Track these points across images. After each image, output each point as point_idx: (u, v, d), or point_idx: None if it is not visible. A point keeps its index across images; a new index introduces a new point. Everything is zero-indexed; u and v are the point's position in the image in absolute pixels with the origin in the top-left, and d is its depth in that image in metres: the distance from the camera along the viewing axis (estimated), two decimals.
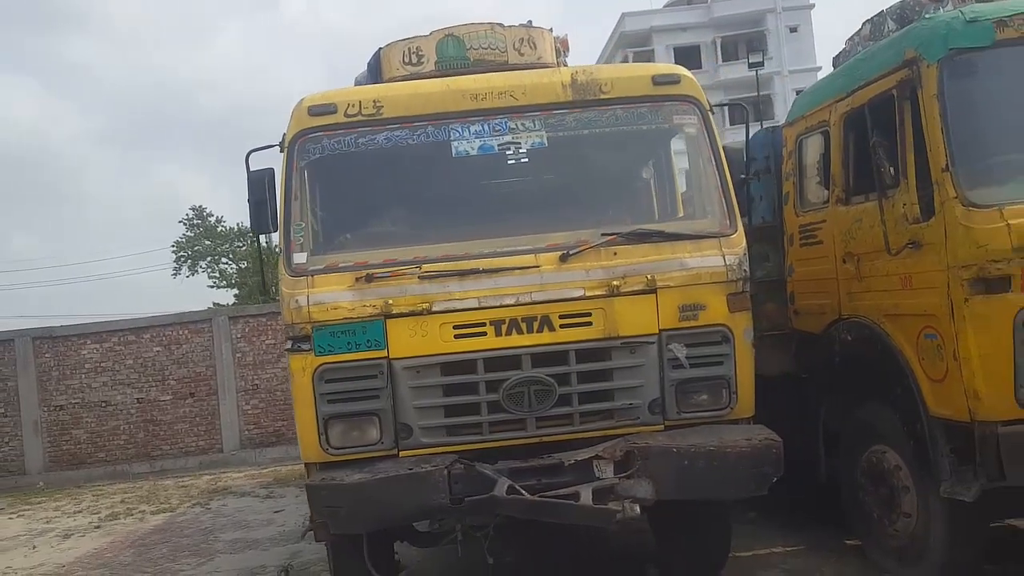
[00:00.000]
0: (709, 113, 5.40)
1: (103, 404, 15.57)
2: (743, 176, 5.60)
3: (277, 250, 5.14)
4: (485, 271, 4.98)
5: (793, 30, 50.55)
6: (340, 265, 5.09)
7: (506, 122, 5.28)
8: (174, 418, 15.69)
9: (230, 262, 40.58)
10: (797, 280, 6.63)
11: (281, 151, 5.27)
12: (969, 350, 4.62)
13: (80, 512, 11.99)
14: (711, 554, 5.82)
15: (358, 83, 6.39)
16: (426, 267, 5.00)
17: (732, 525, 5.85)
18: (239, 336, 15.74)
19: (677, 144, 5.67)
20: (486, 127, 5.26)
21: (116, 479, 14.98)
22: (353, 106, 5.23)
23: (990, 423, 4.60)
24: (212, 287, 40.63)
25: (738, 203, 5.36)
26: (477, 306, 4.97)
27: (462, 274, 4.98)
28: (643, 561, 6.38)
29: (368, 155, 5.28)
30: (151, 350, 15.76)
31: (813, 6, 52.07)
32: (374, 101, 5.26)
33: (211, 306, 27.95)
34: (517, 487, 4.70)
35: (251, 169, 5.37)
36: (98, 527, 10.76)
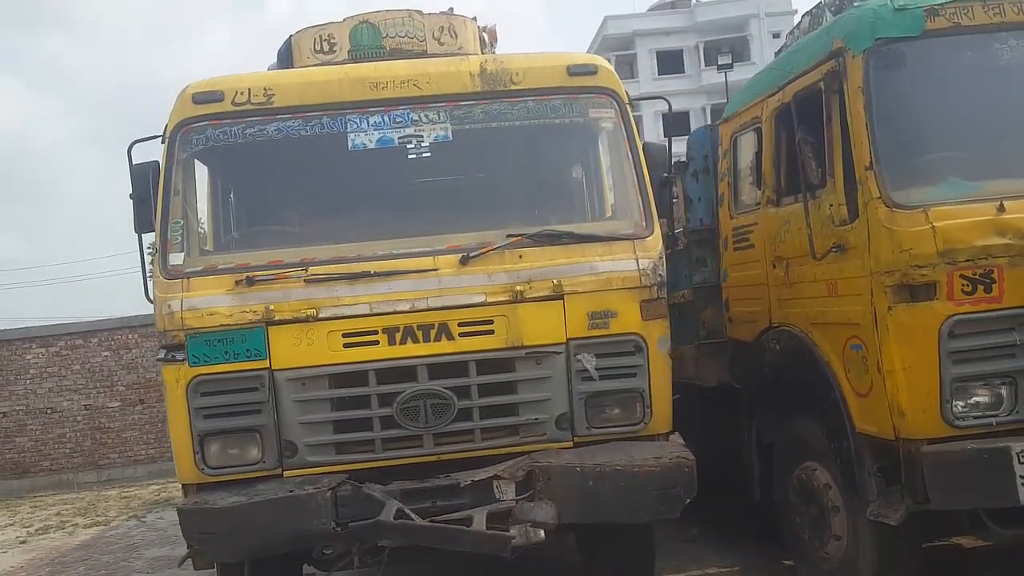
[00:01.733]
0: (628, 107, 5.05)
1: (48, 411, 15.07)
2: (665, 175, 5.25)
3: (151, 251, 4.74)
4: (378, 274, 4.61)
5: (776, 36, 50.35)
6: (219, 267, 4.70)
7: (408, 113, 4.91)
8: (123, 425, 15.21)
9: None
10: (731, 286, 6.28)
11: (162, 143, 4.88)
12: (893, 362, 4.28)
13: (11, 525, 11.51)
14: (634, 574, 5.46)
15: None
16: (313, 269, 4.62)
17: (670, 544, 5.53)
18: None
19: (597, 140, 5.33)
20: (386, 118, 4.89)
21: (61, 489, 14.49)
22: (242, 94, 4.85)
23: (915, 441, 4.26)
24: None
25: (660, 204, 5.03)
26: (368, 312, 4.60)
27: (352, 277, 4.61)
28: None
29: (257, 147, 4.90)
30: (99, 355, 15.27)
31: (796, 12, 52.02)
32: (265, 89, 4.88)
33: None
34: (407, 511, 4.34)
35: (134, 162, 4.98)
36: (24, 542, 10.28)
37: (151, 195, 4.87)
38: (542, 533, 4.36)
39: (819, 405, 5.06)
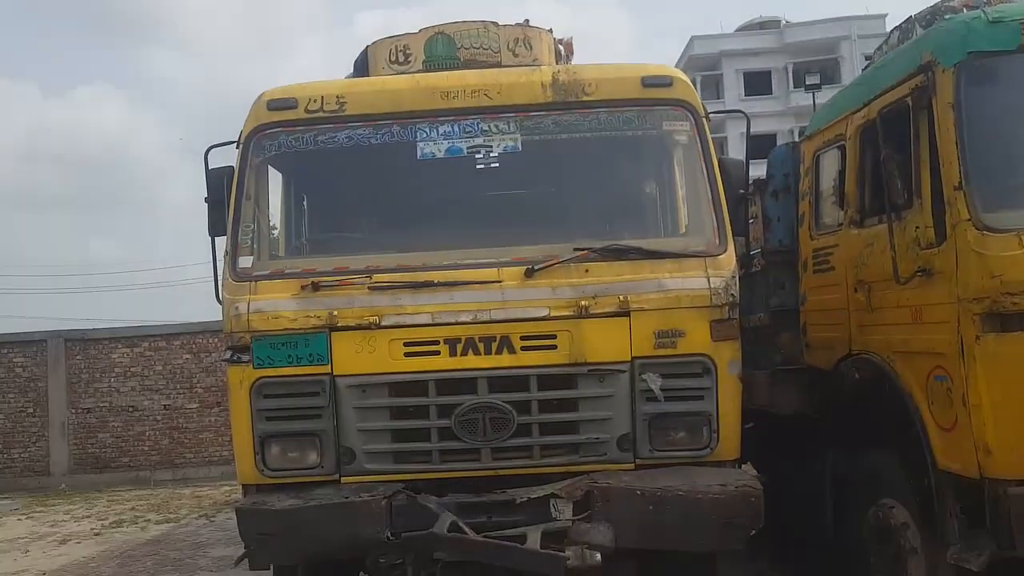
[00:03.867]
0: (704, 120, 4.90)
1: (130, 409, 15.53)
2: (742, 192, 5.06)
3: (224, 254, 4.80)
4: (441, 284, 4.56)
5: (868, 58, 48.92)
6: (286, 271, 4.75)
7: (478, 123, 4.87)
8: (200, 427, 15.57)
9: None
10: (809, 310, 6.02)
11: (237, 148, 4.95)
12: (980, 396, 4.00)
13: (88, 517, 11.86)
14: None
15: None
16: (377, 277, 4.60)
17: None
18: None
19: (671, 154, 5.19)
20: (455, 128, 4.86)
21: (138, 485, 14.88)
22: (315, 101, 4.89)
23: (1002, 482, 3.97)
24: None
25: (735, 222, 4.85)
26: (430, 322, 4.56)
27: (416, 286, 4.58)
28: None
29: (328, 154, 4.94)
30: (181, 357, 15.69)
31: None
32: (337, 97, 4.91)
33: None
34: (461, 524, 4.26)
35: (210, 167, 5.06)
36: (98, 534, 10.58)
37: (225, 199, 4.94)
38: (598, 556, 4.21)
39: (899, 439, 4.79)
